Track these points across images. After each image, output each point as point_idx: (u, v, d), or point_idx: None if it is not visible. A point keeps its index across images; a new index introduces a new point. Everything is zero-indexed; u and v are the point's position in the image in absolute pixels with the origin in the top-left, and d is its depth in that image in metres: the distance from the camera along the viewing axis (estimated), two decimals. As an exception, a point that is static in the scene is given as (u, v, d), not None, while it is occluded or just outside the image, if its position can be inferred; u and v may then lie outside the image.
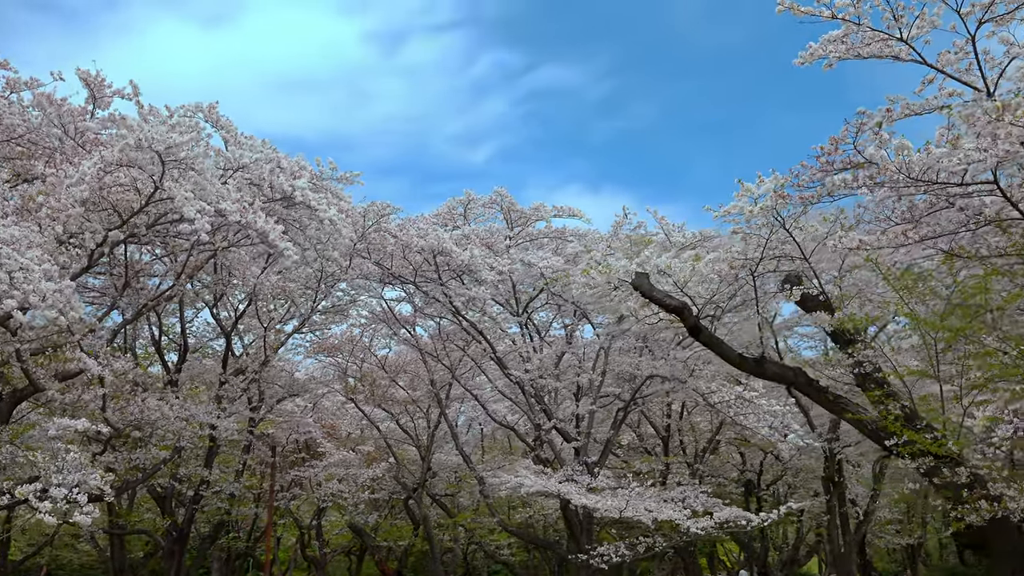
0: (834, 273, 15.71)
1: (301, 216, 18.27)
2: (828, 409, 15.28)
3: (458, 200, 27.65)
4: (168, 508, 27.89)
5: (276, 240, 15.99)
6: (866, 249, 12.65)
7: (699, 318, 14.23)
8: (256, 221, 15.77)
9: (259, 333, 29.49)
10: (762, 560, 41.89)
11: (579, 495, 23.92)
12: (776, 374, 15.08)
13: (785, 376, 15.03)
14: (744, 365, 15.01)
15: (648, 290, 13.69)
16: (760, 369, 15.03)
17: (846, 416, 14.88)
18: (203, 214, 14.99)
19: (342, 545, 47.42)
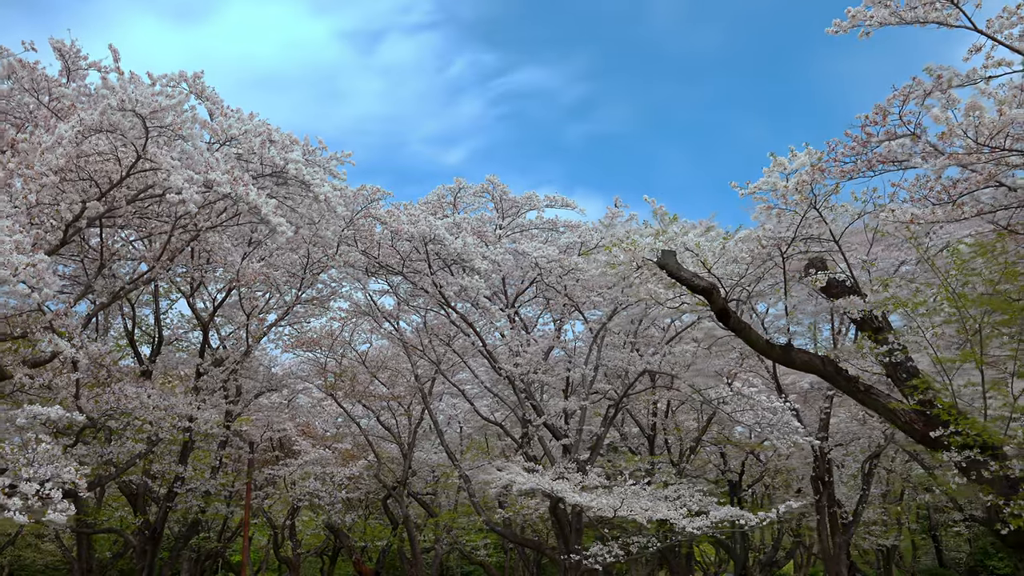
0: (862, 257, 14.60)
1: (293, 193, 16.91)
2: (859, 400, 14.17)
3: (447, 188, 26.35)
4: (140, 506, 26.33)
5: (269, 215, 14.62)
6: (918, 223, 11.55)
7: (727, 301, 13.07)
8: (248, 194, 14.40)
9: (238, 324, 28.03)
10: (742, 562, 40.92)
11: (573, 493, 22.70)
12: (805, 362, 13.95)
13: (813, 365, 13.91)
14: (771, 352, 13.88)
15: (675, 269, 12.50)
16: (788, 357, 13.90)
17: (878, 407, 13.78)
18: (192, 184, 13.61)
19: (315, 546, 45.89)
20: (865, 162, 12.44)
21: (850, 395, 14.31)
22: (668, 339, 26.70)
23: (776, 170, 13.19)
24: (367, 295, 27.86)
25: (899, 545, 47.98)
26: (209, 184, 14.00)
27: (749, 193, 13.52)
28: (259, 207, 14.65)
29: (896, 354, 13.68)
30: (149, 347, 28.29)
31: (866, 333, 14.19)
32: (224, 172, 14.30)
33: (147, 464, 24.65)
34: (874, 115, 12.04)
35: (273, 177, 16.27)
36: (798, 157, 13.05)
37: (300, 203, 17.04)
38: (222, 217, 18.60)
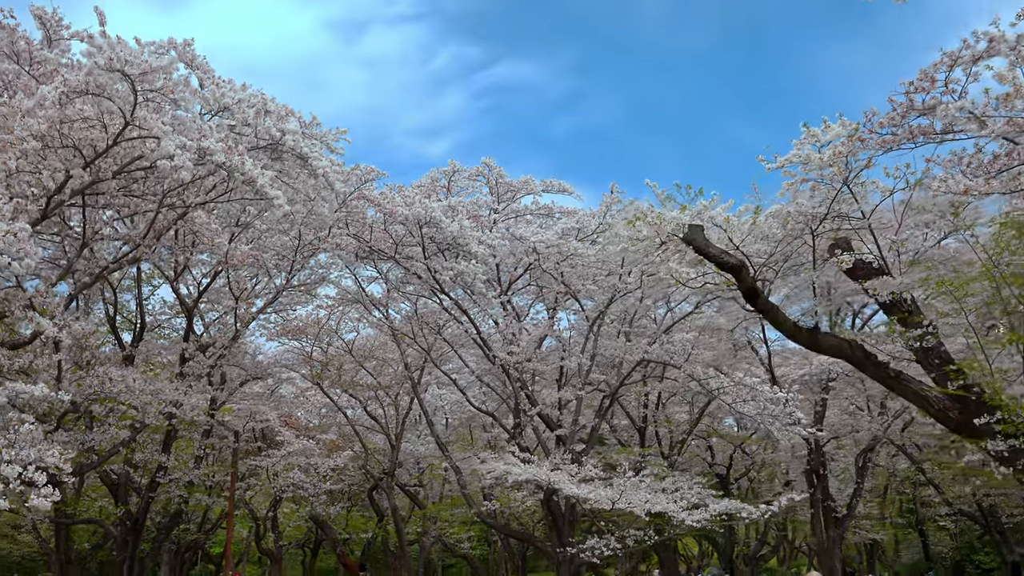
0: (891, 237, 13.76)
1: (289, 168, 15.85)
2: (888, 387, 13.34)
3: (441, 171, 25.34)
4: (122, 496, 25.16)
5: (266, 187, 13.60)
6: (972, 195, 10.72)
7: (756, 280, 12.20)
8: (243, 163, 13.36)
9: (224, 309, 26.93)
10: (728, 556, 40.26)
11: (571, 485, 21.81)
12: (832, 346, 13.11)
13: (841, 349, 13.06)
14: (798, 336, 13.00)
15: (703, 245, 11.61)
16: (815, 341, 13.05)
17: (909, 394, 12.96)
18: (185, 150, 12.56)
19: (297, 538, 44.81)
20: (906, 132, 11.57)
21: (879, 381, 13.48)
22: (665, 328, 25.83)
23: (808, 142, 12.32)
24: (353, 282, 26.83)
25: (882, 540, 47.52)
26: (203, 152, 12.96)
27: (778, 167, 12.63)
28: (255, 178, 13.62)
29: (928, 338, 12.86)
30: (131, 334, 27.12)
31: (894, 317, 13.35)
32: (219, 140, 13.26)
33: (129, 453, 23.51)
34: (919, 81, 11.16)
35: (268, 151, 15.22)
36: (832, 128, 12.17)
37: (296, 179, 15.99)
38: (212, 194, 17.55)
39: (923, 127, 11.88)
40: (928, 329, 12.71)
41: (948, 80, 11.25)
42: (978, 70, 11.17)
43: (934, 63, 11.20)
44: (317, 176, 15.05)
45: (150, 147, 14.04)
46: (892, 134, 11.75)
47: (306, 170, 15.92)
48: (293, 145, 14.69)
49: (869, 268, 13.70)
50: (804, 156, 12.09)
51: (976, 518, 36.21)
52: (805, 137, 12.34)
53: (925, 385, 13.11)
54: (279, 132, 14.74)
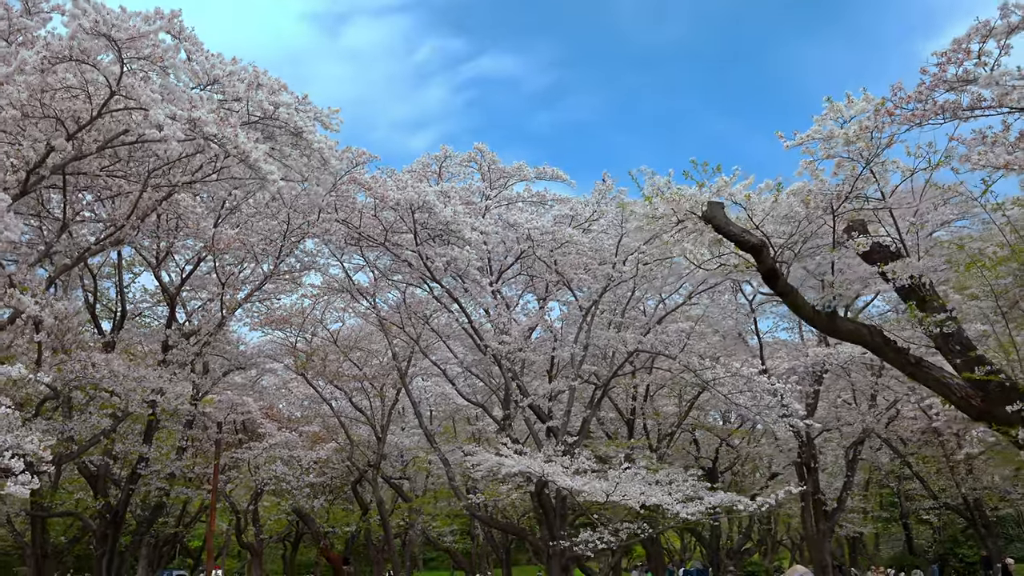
0: (909, 219, 13.16)
1: (282, 145, 15.07)
2: (908, 374, 12.73)
3: (432, 156, 24.54)
4: (101, 488, 24.25)
5: (259, 162, 12.81)
6: (1014, 169, 10.10)
7: (776, 261, 11.56)
8: (236, 136, 12.57)
9: (208, 296, 26.09)
10: (713, 550, 39.80)
11: (564, 477, 21.12)
12: (850, 332, 12.50)
13: (859, 335, 12.45)
14: (817, 320, 12.38)
15: (723, 223, 10.95)
16: (833, 326, 12.43)
17: (930, 381, 12.36)
18: (175, 121, 11.76)
19: (278, 532, 43.90)
20: (933, 107, 10.95)
21: (899, 368, 12.86)
22: (658, 319, 25.20)
23: (830, 117, 11.68)
24: (340, 271, 26.02)
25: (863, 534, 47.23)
26: (194, 123, 12.15)
27: (796, 144, 11.99)
28: (248, 152, 12.83)
29: (949, 324, 12.27)
30: (110, 322, 26.21)
31: (912, 302, 12.74)
32: (211, 111, 12.46)
33: (110, 443, 22.62)
34: (952, 52, 10.55)
35: (260, 126, 14.43)
36: (855, 103, 11.55)
37: (288, 157, 15.20)
38: (198, 174, 16.73)
39: (949, 102, 11.29)
40: (952, 313, 12.11)
41: (981, 52, 10.66)
42: (1010, 43, 10.61)
43: (968, 31, 10.60)
44: (312, 152, 14.26)
45: (136, 120, 13.25)
46: (920, 109, 11.14)
47: (298, 148, 15.15)
48: (287, 119, 13.91)
49: (886, 251, 13.10)
50: (827, 132, 11.46)
51: (961, 511, 35.87)
52: (827, 112, 11.71)
53: (946, 372, 12.52)
54: (272, 106, 13.96)
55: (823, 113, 11.79)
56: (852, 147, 11.03)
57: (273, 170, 13.01)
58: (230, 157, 16.18)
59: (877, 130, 11.28)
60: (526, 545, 49.86)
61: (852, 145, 11.00)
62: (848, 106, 11.54)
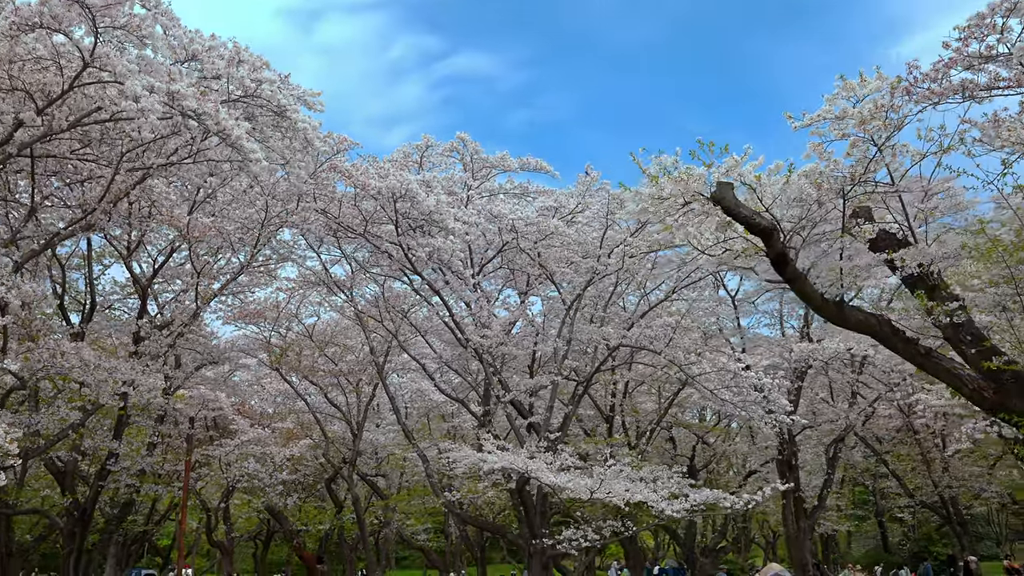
0: (917, 205, 12.66)
1: (263, 126, 14.32)
2: (918, 365, 12.22)
3: (414, 146, 23.86)
4: (69, 484, 23.30)
5: (242, 139, 12.07)
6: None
7: (786, 247, 11.00)
8: (218, 111, 11.82)
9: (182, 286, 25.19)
10: (688, 548, 39.34)
11: (548, 474, 20.48)
12: (859, 322, 11.96)
13: (868, 324, 11.93)
14: (825, 309, 11.83)
15: (733, 205, 10.37)
16: (841, 315, 11.89)
17: (940, 372, 11.86)
18: (154, 93, 11.00)
19: (249, 530, 42.92)
20: (951, 86, 10.44)
21: (907, 359, 12.36)
22: (642, 313, 24.64)
23: (843, 95, 11.14)
24: (321, 261, 25.23)
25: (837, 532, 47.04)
26: (173, 97, 11.39)
27: (805, 125, 11.44)
28: (229, 130, 12.08)
29: (959, 313, 11.77)
30: (79, 315, 25.23)
31: (919, 291, 12.23)
32: (190, 85, 11.70)
33: (78, 438, 21.68)
34: (975, 26, 10.03)
35: (241, 105, 13.68)
36: (869, 83, 11.01)
37: (270, 138, 14.45)
38: (174, 157, 15.92)
39: (966, 82, 10.79)
40: (962, 303, 11.62)
41: (1004, 27, 10.16)
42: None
43: (991, 6, 10.08)
44: (296, 132, 13.52)
45: (111, 95, 12.47)
46: (936, 88, 10.63)
47: (280, 129, 14.41)
48: (270, 96, 13.17)
49: (892, 239, 12.60)
50: (840, 111, 10.91)
51: (937, 509, 35.69)
52: (839, 91, 11.17)
53: (956, 363, 12.02)
54: (254, 83, 13.21)
55: (834, 92, 11.26)
56: (867, 126, 10.47)
57: (256, 148, 12.29)
58: (208, 139, 15.47)
59: (892, 110, 10.76)
60: (500, 543, 49.31)
61: (867, 124, 10.44)
62: (861, 85, 11.02)
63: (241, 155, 12.35)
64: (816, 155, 11.63)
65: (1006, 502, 38.22)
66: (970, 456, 35.39)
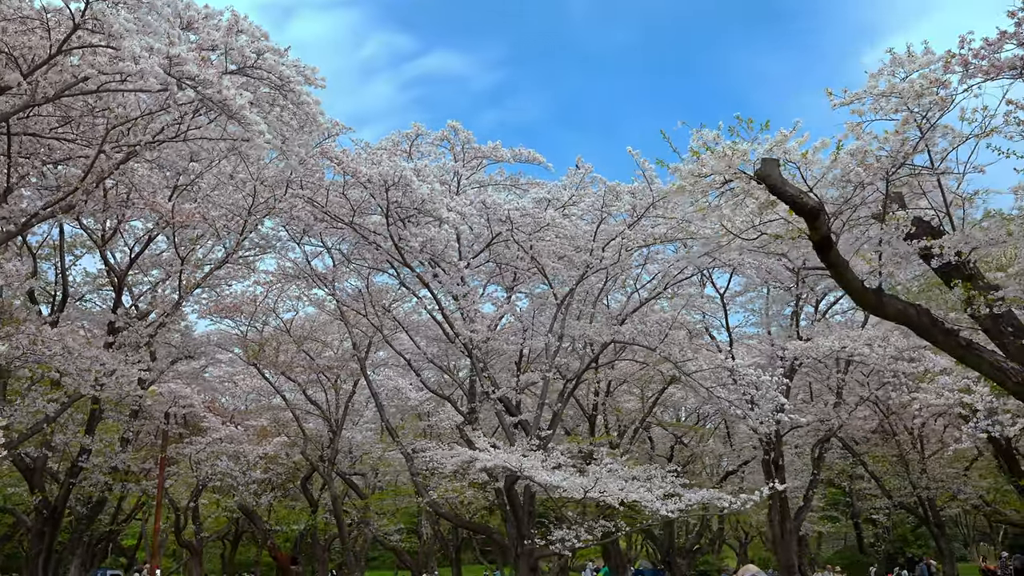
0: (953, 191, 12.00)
1: (261, 101, 13.35)
2: (958, 357, 11.59)
3: (403, 134, 22.94)
4: (38, 482, 22.08)
5: (244, 110, 11.12)
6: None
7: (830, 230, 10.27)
8: (220, 81, 10.87)
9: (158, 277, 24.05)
10: (665, 549, 38.69)
11: (542, 472, 19.65)
12: (898, 311, 11.28)
13: (907, 315, 11.25)
14: (865, 298, 11.12)
15: (779, 183, 9.61)
16: (879, 305, 11.19)
17: (982, 365, 11.21)
18: (154, 55, 10.03)
19: (219, 530, 41.61)
20: (1009, 60, 9.77)
21: (947, 351, 11.70)
22: (633, 309, 23.91)
23: (888, 72, 10.44)
24: (304, 253, 24.23)
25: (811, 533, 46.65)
26: (172, 62, 10.42)
27: (846, 103, 10.73)
28: (231, 100, 11.14)
29: (1000, 303, 11.13)
30: (48, 307, 24.02)
31: (955, 281, 11.57)
32: (190, 50, 10.74)
33: (48, 434, 20.50)
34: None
35: (240, 76, 12.70)
36: (916, 58, 10.32)
37: (268, 114, 13.48)
38: (161, 136, 14.90)
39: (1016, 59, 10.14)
40: (1006, 292, 10.97)
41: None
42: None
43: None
44: (300, 107, 12.58)
45: (100, 63, 11.47)
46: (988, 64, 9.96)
47: (277, 106, 13.45)
48: (272, 67, 12.21)
49: (927, 227, 11.92)
50: (888, 87, 10.20)
51: (915, 510, 35.36)
52: (884, 67, 10.47)
53: (999, 356, 11.36)
54: (254, 53, 12.26)
55: (878, 68, 10.56)
56: (921, 101, 9.77)
57: (259, 121, 11.35)
58: (198, 116, 14.49)
59: (943, 85, 10.07)
60: (473, 544, 48.41)
61: (921, 99, 9.74)
62: (910, 59, 10.33)
63: (244, 128, 11.38)
64: (854, 136, 10.92)
65: (978, 504, 38.00)
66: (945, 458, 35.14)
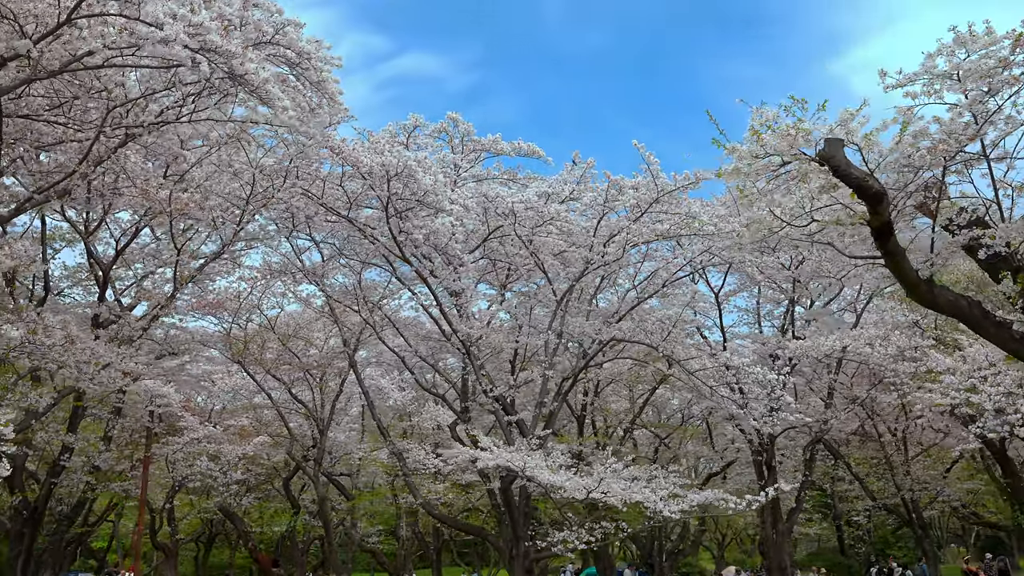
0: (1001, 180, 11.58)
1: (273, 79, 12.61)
2: (1010, 351, 11.15)
3: (400, 125, 22.21)
4: (18, 481, 21.08)
5: (268, 84, 10.42)
6: None
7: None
8: (245, 53, 10.17)
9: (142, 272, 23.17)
10: (648, 551, 38.26)
11: (545, 472, 19.04)
12: (950, 303, 10.83)
13: (959, 306, 10.80)
14: (918, 289, 10.62)
15: (844, 165, 9.09)
16: (932, 296, 10.73)
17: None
18: (178, 20, 9.31)
19: (194, 531, 40.51)
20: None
21: (999, 345, 11.26)
22: (631, 307, 23.37)
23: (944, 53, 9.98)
24: (293, 248, 23.46)
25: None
26: (196, 30, 9.70)
27: (899, 85, 10.28)
28: (251, 75, 10.43)
29: (1052, 295, 10.72)
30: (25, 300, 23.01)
31: (1004, 273, 11.15)
32: (212, 19, 10.03)
33: (31, 431, 19.55)
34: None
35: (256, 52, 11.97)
36: (979, 38, 9.87)
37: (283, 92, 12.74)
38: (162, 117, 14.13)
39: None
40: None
41: None
42: None
43: None
44: (320, 84, 11.88)
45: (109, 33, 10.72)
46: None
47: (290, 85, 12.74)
48: (291, 41, 11.51)
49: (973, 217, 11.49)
50: (951, 67, 9.73)
51: (899, 512, 35.19)
52: (944, 47, 10.00)
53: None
54: (272, 28, 11.55)
55: (936, 49, 10.10)
56: (992, 80, 9.31)
57: (282, 96, 10.64)
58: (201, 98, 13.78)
59: (1009, 66, 9.63)
60: (451, 546, 47.65)
61: (989, 79, 9.27)
62: (972, 39, 9.87)
63: (267, 103, 10.67)
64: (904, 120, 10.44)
65: (957, 505, 38.01)
66: (928, 459, 35.06)
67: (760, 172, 9.50)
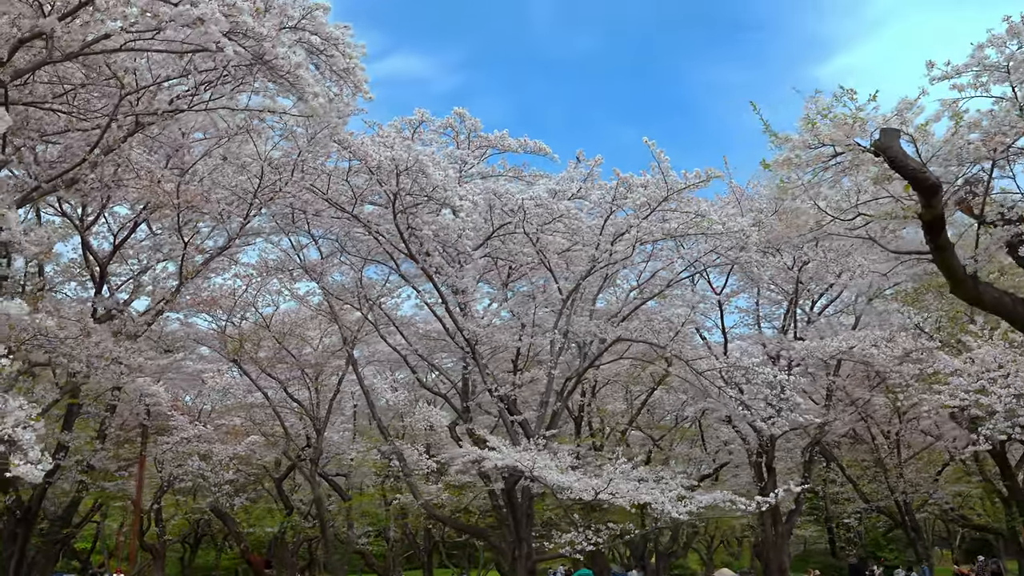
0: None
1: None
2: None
3: (405, 120, 21.83)
4: (10, 481, 20.48)
5: (300, 68, 10.02)
6: None
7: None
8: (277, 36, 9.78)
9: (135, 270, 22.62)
10: (640, 552, 37.98)
11: (554, 473, 18.72)
12: (994, 300, 10.59)
13: (1003, 304, 10.57)
14: (964, 285, 10.37)
15: (900, 156, 8.82)
16: (977, 293, 10.49)
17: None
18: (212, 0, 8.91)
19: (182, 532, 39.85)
20: None
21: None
22: (635, 307, 23.09)
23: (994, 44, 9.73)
24: (292, 244, 23.06)
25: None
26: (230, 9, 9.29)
27: (945, 76, 10.00)
28: (282, 59, 10.03)
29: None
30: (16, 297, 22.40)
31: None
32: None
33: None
34: None
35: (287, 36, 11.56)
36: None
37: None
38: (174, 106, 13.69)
39: None
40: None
41: None
42: None
43: None
44: (346, 72, 11.48)
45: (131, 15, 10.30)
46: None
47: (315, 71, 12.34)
48: (317, 27, 11.10)
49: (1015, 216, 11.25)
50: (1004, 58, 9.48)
51: (892, 514, 35.09)
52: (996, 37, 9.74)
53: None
54: (299, 12, 11.15)
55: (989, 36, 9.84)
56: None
57: (313, 82, 10.24)
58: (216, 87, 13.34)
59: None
60: (440, 548, 47.18)
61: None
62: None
63: (297, 90, 10.27)
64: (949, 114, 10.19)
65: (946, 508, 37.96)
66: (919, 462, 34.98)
67: (811, 163, 9.21)
